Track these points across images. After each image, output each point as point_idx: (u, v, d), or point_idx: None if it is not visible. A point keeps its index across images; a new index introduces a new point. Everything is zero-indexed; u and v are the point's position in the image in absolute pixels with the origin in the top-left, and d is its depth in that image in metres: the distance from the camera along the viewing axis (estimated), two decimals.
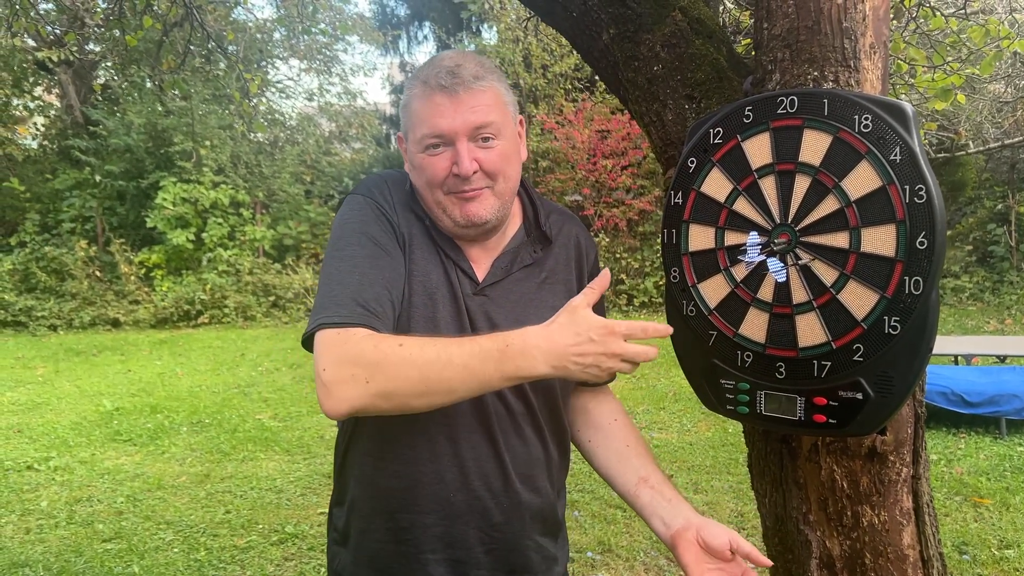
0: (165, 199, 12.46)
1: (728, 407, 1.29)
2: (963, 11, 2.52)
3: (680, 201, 1.33)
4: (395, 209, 1.33)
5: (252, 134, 14.49)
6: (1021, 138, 9.76)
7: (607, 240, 12.57)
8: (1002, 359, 6.51)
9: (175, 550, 4.00)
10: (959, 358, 6.37)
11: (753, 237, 1.22)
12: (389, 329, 1.20)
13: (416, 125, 1.28)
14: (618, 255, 12.48)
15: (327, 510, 1.52)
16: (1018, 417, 5.24)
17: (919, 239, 1.09)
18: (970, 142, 9.52)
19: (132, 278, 12.57)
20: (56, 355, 9.81)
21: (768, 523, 1.52)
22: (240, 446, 5.76)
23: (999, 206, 11.83)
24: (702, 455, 5.17)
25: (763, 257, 1.21)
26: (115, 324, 12.00)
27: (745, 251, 1.23)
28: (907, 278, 1.10)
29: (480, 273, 1.36)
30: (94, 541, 4.12)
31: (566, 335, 1.12)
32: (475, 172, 1.27)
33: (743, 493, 4.43)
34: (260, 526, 4.27)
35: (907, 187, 1.11)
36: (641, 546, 3.85)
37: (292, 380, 8.07)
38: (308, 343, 1.19)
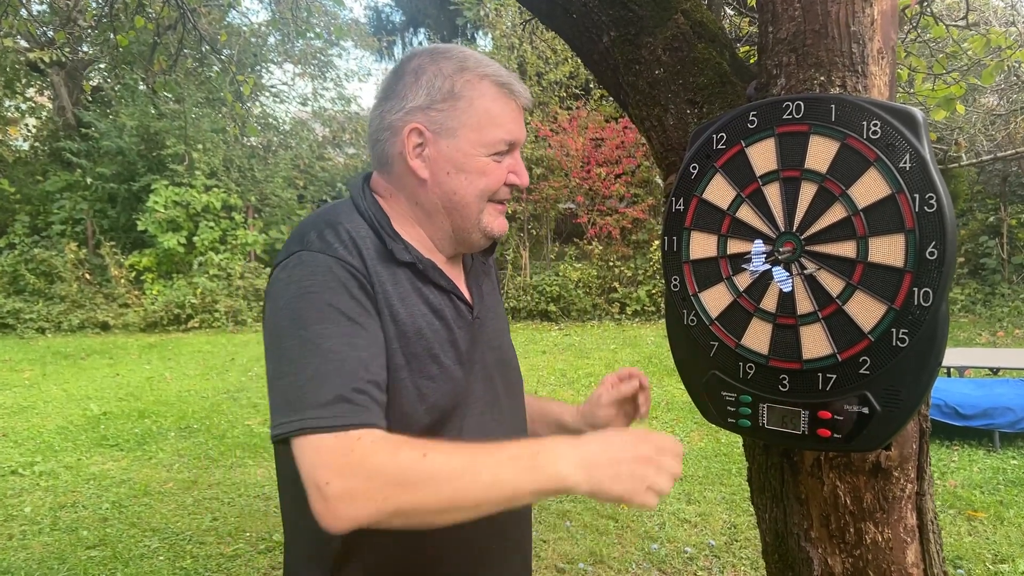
0: (157, 202, 12.38)
1: (729, 420, 1.26)
2: (964, 20, 2.50)
3: (681, 208, 1.30)
4: (365, 262, 1.12)
5: (245, 138, 14.42)
6: (1014, 151, 9.78)
7: (600, 248, 12.55)
8: (995, 371, 6.50)
9: (160, 558, 3.94)
10: (952, 370, 6.36)
11: (758, 245, 1.18)
12: (383, 421, 1.04)
13: (486, 126, 1.17)
14: (611, 263, 12.47)
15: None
16: (1011, 430, 5.22)
17: (929, 249, 1.06)
18: (963, 154, 9.55)
19: (122, 281, 12.48)
20: (43, 358, 9.71)
21: (768, 539, 1.48)
22: (228, 452, 5.69)
23: (991, 218, 11.86)
24: (695, 465, 5.13)
25: (767, 266, 1.17)
26: (104, 327, 11.90)
27: (749, 260, 1.19)
28: (916, 289, 1.07)
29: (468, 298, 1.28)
30: (78, 548, 4.05)
31: (610, 444, 1.01)
32: None
33: (736, 504, 4.39)
34: (247, 534, 4.21)
35: (917, 196, 1.07)
36: (633, 557, 3.81)
37: None
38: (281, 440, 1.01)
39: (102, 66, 14.86)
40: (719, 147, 1.26)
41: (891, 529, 1.32)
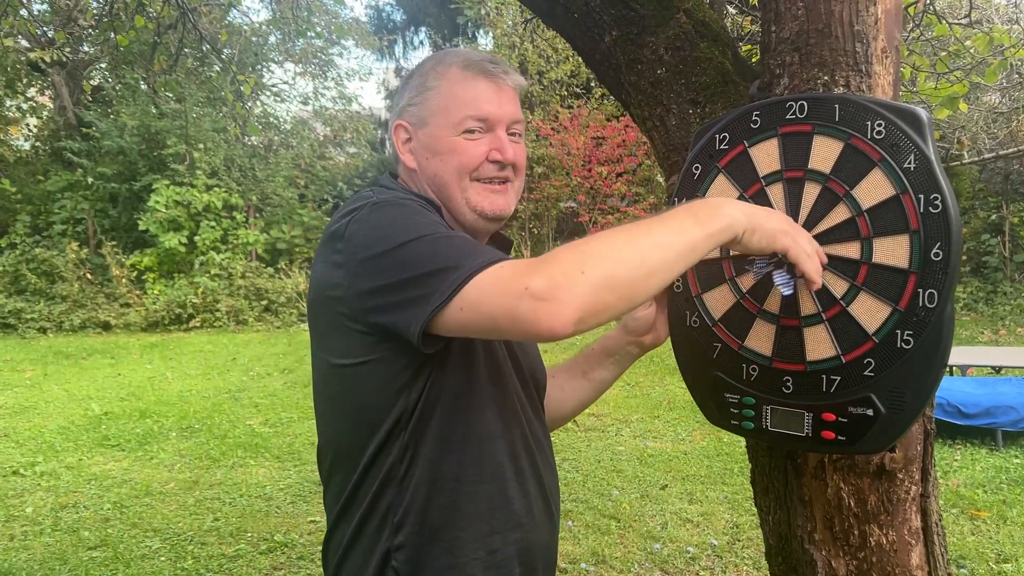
0: (158, 202, 12.38)
1: (733, 422, 1.25)
2: (967, 18, 2.49)
3: None
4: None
5: (246, 137, 14.41)
6: (1015, 149, 9.76)
7: None
8: (997, 370, 6.49)
9: (162, 558, 3.94)
10: (954, 369, 6.35)
11: None
12: None
13: (452, 108, 1.23)
14: None
15: (315, 518, 1.40)
16: (1014, 429, 5.21)
17: (934, 250, 1.05)
18: (965, 153, 9.54)
19: (123, 281, 12.48)
20: (45, 358, 9.71)
21: (772, 542, 1.47)
22: (230, 452, 5.69)
23: (993, 216, 11.84)
24: (697, 465, 5.12)
25: (771, 268, 1.16)
26: (105, 327, 11.90)
27: (752, 261, 1.18)
28: (921, 290, 1.06)
29: None
30: (79, 549, 4.05)
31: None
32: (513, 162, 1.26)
33: (738, 504, 4.39)
34: (249, 534, 4.21)
35: (921, 196, 1.07)
36: (636, 557, 3.80)
37: (283, 385, 8.00)
38: (427, 339, 1.04)
39: (103, 65, 14.85)
40: (722, 147, 1.25)
41: (895, 531, 1.31)
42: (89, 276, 12.54)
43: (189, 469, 5.36)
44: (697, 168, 1.28)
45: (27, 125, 15.48)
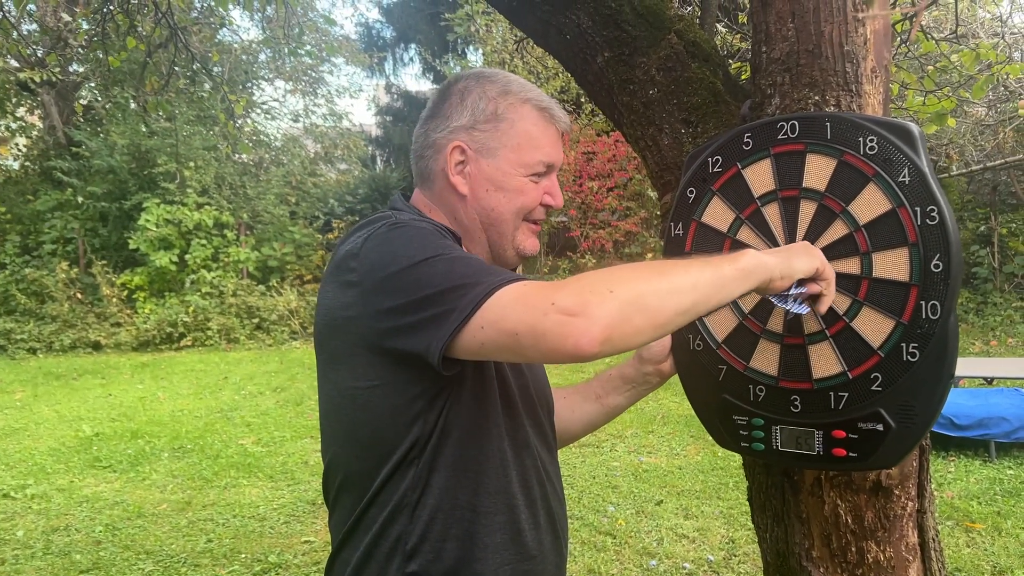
0: (148, 220, 12.34)
1: (743, 444, 1.25)
2: (953, 34, 2.52)
3: (681, 232, 1.30)
4: None
5: (237, 155, 14.41)
6: (1003, 160, 9.83)
7: (593, 261, 12.57)
8: (989, 381, 6.51)
9: None
10: None
11: None
12: None
13: (526, 148, 1.22)
14: None
15: (310, 538, 1.36)
16: (1007, 440, 5.22)
17: (934, 262, 1.06)
18: (953, 165, 9.61)
19: (114, 300, 12.42)
20: (35, 379, 9.64)
21: (770, 559, 1.47)
22: (222, 472, 5.65)
23: (981, 228, 11.91)
24: (692, 479, 5.11)
25: (793, 302, 1.14)
26: (96, 347, 11.83)
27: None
28: (923, 303, 1.07)
29: None
30: (71, 572, 4.01)
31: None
32: None
33: (734, 519, 4.38)
34: (243, 555, 4.17)
35: (918, 209, 1.08)
36: (632, 574, 3.78)
37: (275, 404, 7.96)
38: (444, 360, 1.00)
39: (92, 85, 14.85)
40: (715, 170, 1.26)
41: (893, 548, 1.32)
42: (79, 296, 12.48)
43: (181, 490, 5.31)
44: (691, 192, 1.29)
45: (16, 145, 15.44)
